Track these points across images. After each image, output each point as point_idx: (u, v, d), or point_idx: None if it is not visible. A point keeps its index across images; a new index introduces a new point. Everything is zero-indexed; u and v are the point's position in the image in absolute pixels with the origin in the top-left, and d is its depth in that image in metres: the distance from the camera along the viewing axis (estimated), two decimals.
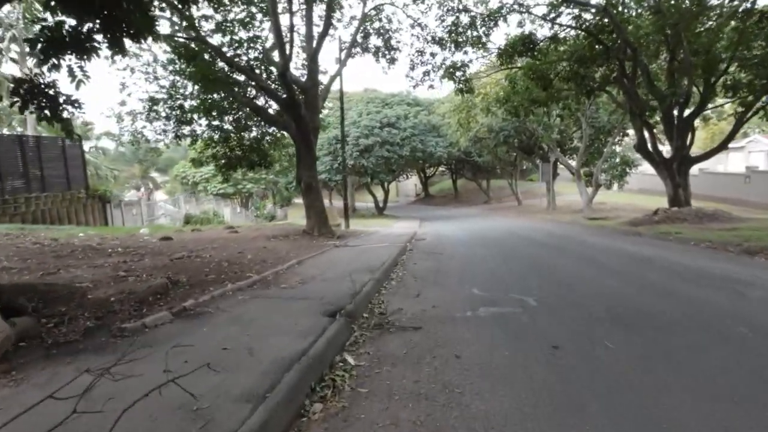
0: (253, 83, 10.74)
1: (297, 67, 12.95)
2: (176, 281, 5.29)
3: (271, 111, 12.63)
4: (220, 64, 10.40)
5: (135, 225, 17.96)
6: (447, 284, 6.09)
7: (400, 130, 26.35)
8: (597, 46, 13.04)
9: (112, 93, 48.57)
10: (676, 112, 13.43)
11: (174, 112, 11.54)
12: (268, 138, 13.31)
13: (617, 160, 23.62)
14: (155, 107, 11.71)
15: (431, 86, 15.72)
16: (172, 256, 7.27)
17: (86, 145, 24.63)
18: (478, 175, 39.42)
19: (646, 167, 26.36)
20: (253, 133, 12.78)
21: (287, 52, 10.24)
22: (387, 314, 4.59)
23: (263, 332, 3.64)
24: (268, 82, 11.40)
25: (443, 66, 15.40)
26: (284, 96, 10.76)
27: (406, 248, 10.49)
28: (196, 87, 10.68)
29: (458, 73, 15.13)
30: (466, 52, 15.13)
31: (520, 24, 14.58)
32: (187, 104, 11.48)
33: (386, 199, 33.78)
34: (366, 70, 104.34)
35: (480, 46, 14.90)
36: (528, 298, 5.15)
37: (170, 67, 11.47)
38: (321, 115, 14.44)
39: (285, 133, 13.00)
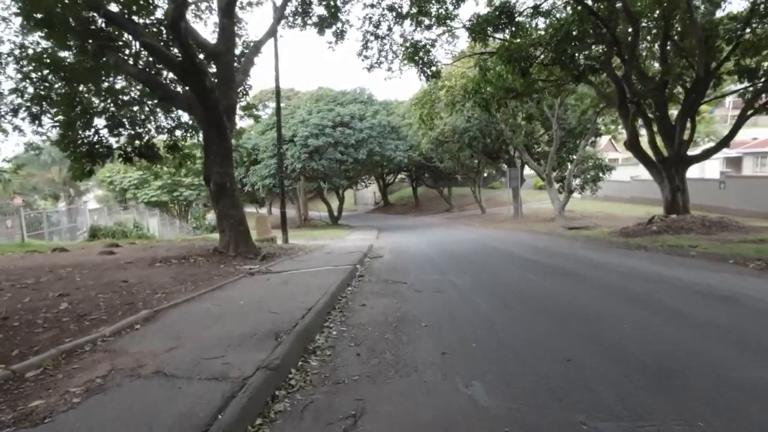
0: (136, 37, 7.41)
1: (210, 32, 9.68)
2: None
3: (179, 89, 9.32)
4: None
5: (9, 241, 13.86)
6: (421, 369, 3.10)
7: (356, 130, 23.43)
8: (587, 21, 10.73)
9: None
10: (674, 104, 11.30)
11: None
12: (168, 122, 9.96)
13: (590, 163, 21.87)
14: None
15: (389, 69, 12.92)
16: None
17: None
18: (439, 183, 37.20)
19: (616, 173, 24.98)
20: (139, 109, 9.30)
21: None
22: None
23: None
24: (161, 41, 8.13)
25: (404, 46, 12.66)
26: (179, 58, 7.52)
27: (354, 273, 7.50)
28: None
29: (421, 53, 12.43)
30: (430, 27, 12.48)
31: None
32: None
33: (341, 208, 30.68)
34: (321, 67, 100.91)
35: (447, 21, 12.31)
36: None
37: None
38: (263, 114, 11.24)
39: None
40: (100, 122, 9.58)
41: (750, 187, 21.02)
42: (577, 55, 10.35)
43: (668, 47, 12.16)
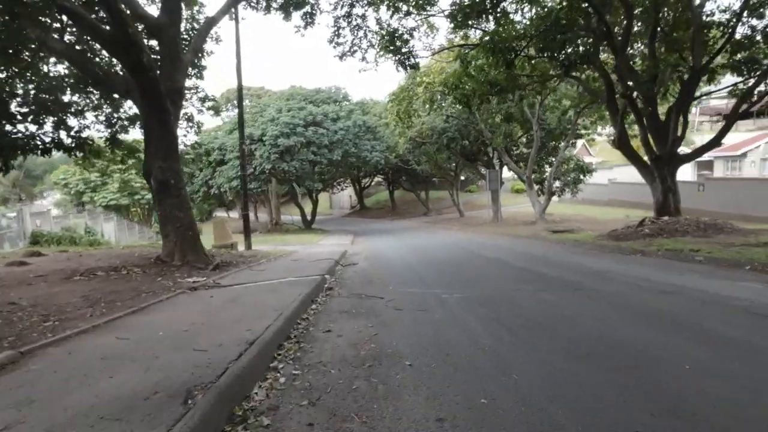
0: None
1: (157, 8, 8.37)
2: None
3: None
4: None
5: None
6: None
7: (329, 131, 22.19)
8: (577, 9, 9.92)
9: None
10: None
11: None
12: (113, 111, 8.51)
13: (571, 165, 21.34)
14: None
15: (364, 59, 11.84)
16: None
17: None
18: (416, 186, 36.34)
19: (592, 176, 24.57)
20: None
21: None
22: None
23: None
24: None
25: (380, 34, 11.60)
26: (109, 29, 6.20)
27: (323, 286, 6.32)
28: None
29: (398, 43, 11.39)
30: (409, 14, 11.46)
31: None
32: None
33: (314, 212, 29.31)
34: (295, 67, 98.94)
35: (427, 8, 11.33)
36: None
37: None
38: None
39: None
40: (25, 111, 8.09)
41: (728, 189, 20.91)
42: (566, 43, 9.51)
43: (656, 41, 11.54)
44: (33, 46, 7.14)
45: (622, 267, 7.40)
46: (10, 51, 6.50)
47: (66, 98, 8.16)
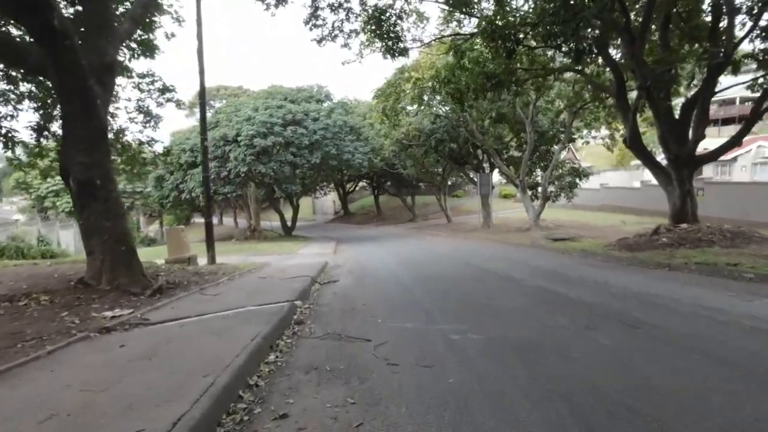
0: None
1: None
2: None
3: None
4: None
5: None
6: None
7: (309, 131, 20.63)
8: None
9: None
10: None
11: None
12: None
13: (566, 169, 20.25)
14: None
15: (346, 45, 10.39)
16: None
17: None
18: (402, 191, 34.99)
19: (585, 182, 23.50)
20: None
21: None
22: None
23: None
24: None
25: (365, 15, 10.18)
26: None
27: (290, 319, 4.80)
28: None
29: (386, 26, 10.00)
30: None
31: None
32: None
33: (295, 218, 27.61)
34: (276, 69, 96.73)
35: None
36: None
37: None
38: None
39: None
40: None
41: (728, 193, 20.10)
42: (581, 24, 8.25)
43: (669, 29, 10.44)
44: None
45: (659, 286, 6.08)
46: None
47: None
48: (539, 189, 20.73)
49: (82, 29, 5.89)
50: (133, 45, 8.17)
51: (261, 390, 2.92)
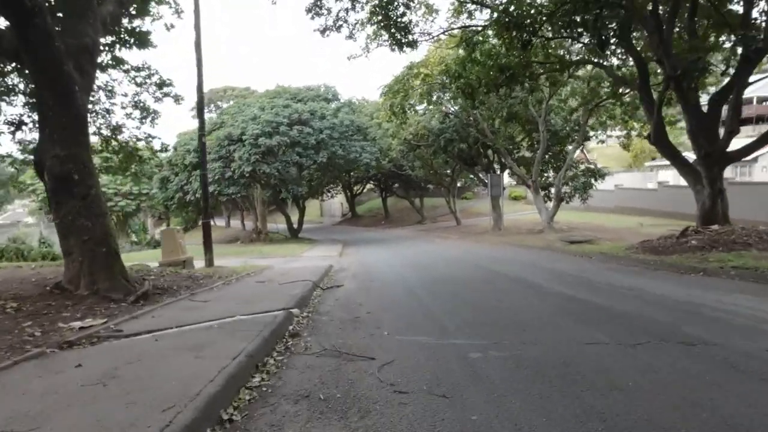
0: None
1: None
2: None
3: None
4: None
5: None
6: None
7: (315, 130, 20.12)
8: None
9: None
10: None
11: None
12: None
13: (581, 169, 19.50)
14: None
15: (351, 37, 9.83)
16: None
17: None
18: (410, 193, 34.38)
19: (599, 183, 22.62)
20: None
21: None
22: None
23: None
24: None
25: (370, 4, 9.63)
26: None
27: (284, 330, 4.24)
28: None
29: (393, 16, 9.44)
30: None
31: None
32: None
33: (301, 220, 27.12)
34: (283, 68, 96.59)
35: None
36: None
37: None
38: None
39: None
40: None
41: (751, 194, 19.19)
42: (604, 10, 7.61)
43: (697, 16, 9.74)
44: None
45: (703, 295, 5.40)
46: None
47: None
48: (552, 190, 20.01)
49: (60, 14, 5.40)
50: (125, 36, 7.68)
51: (236, 427, 2.33)
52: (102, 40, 8.29)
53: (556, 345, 3.57)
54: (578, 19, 8.35)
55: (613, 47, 9.87)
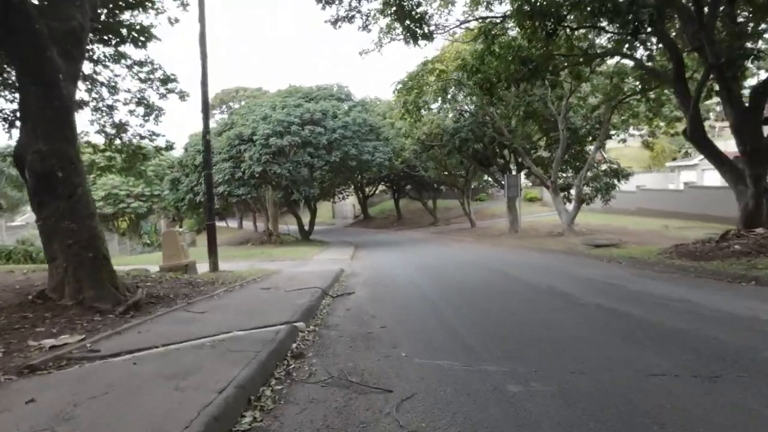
0: None
1: None
2: None
3: None
4: None
5: None
6: None
7: (328, 130, 19.64)
8: None
9: None
10: None
11: None
12: None
13: (603, 169, 18.65)
14: None
15: (365, 28, 9.30)
16: None
17: None
18: (423, 194, 33.75)
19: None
20: None
21: None
22: None
23: None
24: None
25: None
26: None
27: (285, 349, 3.68)
28: None
29: (407, 5, 8.88)
30: None
31: None
32: None
33: (312, 221, 26.67)
34: (295, 69, 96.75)
35: None
36: None
37: None
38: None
39: None
40: None
41: None
42: None
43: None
44: None
45: (764, 308, 4.70)
46: None
47: None
48: (572, 191, 19.19)
49: None
50: (126, 31, 7.24)
51: None
52: (105, 38, 7.94)
53: (611, 375, 2.95)
54: (610, 5, 7.65)
55: (644, 36, 9.13)
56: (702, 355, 3.26)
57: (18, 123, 6.25)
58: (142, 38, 7.23)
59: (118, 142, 9.87)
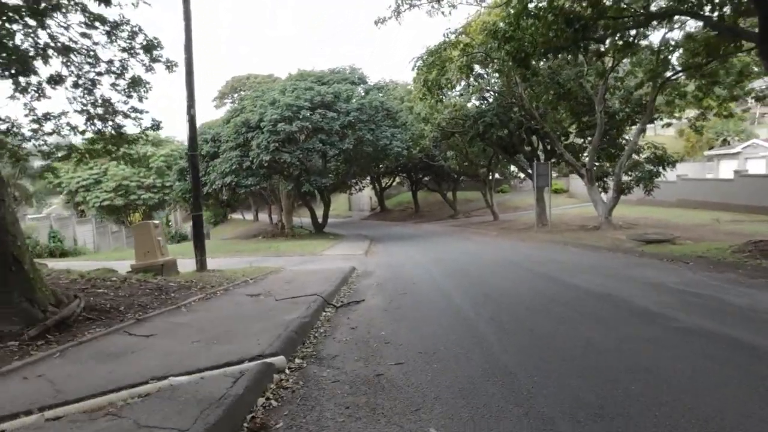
0: None
1: None
2: None
3: None
4: None
5: None
6: None
7: (341, 113, 18.20)
8: None
9: None
10: None
11: None
12: None
13: (646, 156, 16.73)
14: None
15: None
16: None
17: None
18: (442, 186, 32.13)
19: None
20: None
21: None
22: None
23: None
24: None
25: None
26: None
27: (240, 418, 2.28)
28: None
29: None
30: None
31: None
32: None
33: (326, 213, 25.37)
34: (308, 54, 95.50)
35: None
36: None
37: None
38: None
39: None
40: None
41: None
42: None
43: None
44: None
45: None
46: None
47: None
48: (609, 180, 17.34)
49: None
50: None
51: None
52: None
53: None
54: None
55: None
56: None
57: None
58: None
59: (99, 124, 8.66)
